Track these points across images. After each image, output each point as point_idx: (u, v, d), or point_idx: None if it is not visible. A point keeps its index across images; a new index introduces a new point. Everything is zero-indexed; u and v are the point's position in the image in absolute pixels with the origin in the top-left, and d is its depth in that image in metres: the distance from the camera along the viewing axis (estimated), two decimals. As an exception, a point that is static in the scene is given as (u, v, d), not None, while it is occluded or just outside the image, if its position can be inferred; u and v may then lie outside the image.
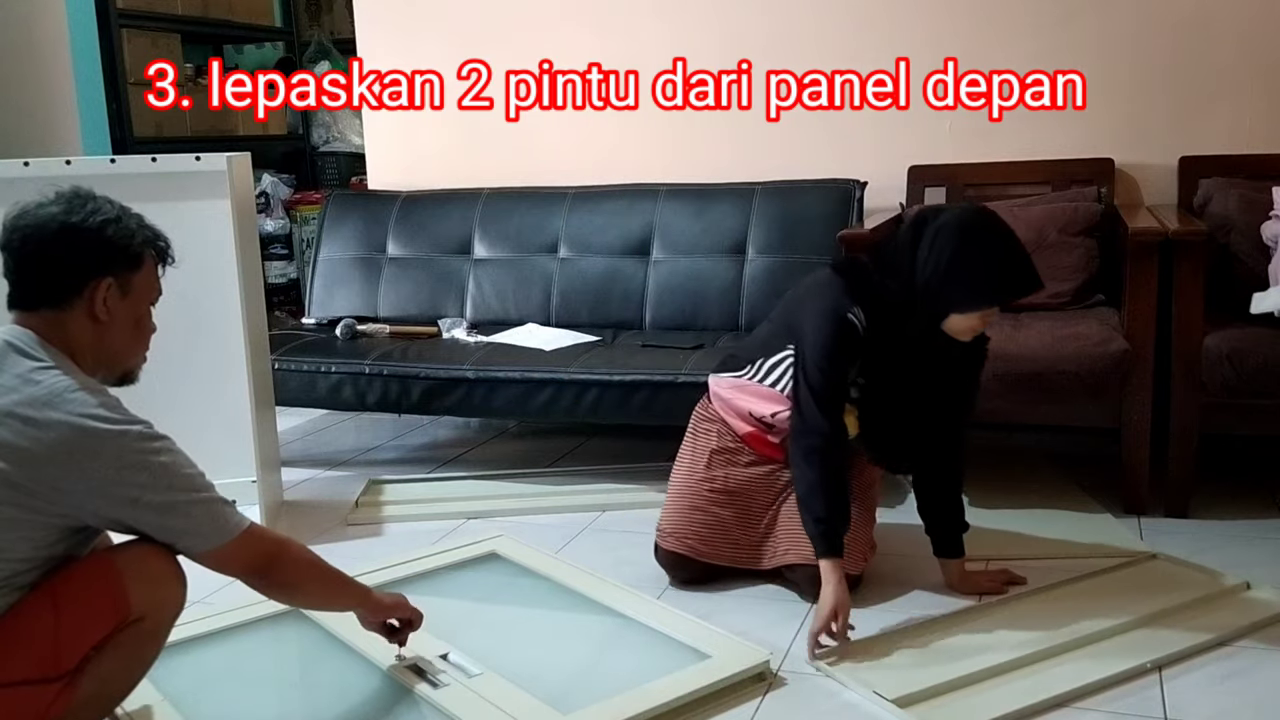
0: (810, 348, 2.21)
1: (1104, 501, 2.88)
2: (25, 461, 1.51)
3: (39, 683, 1.55)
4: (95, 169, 2.83)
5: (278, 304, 5.08)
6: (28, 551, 1.56)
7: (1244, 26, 3.19)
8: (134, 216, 1.73)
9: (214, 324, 2.85)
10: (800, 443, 2.23)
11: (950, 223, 2.11)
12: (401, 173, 4.11)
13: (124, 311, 1.70)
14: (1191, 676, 2.00)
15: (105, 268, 1.66)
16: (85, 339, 1.67)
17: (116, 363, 1.73)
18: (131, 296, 1.70)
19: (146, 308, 1.75)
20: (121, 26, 4.50)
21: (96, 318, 1.66)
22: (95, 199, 1.70)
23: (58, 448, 1.52)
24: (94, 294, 1.65)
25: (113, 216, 1.68)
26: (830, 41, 3.56)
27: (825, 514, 2.18)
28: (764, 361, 2.38)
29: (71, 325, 1.65)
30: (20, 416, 1.53)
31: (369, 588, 1.98)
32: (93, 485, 1.54)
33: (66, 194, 1.69)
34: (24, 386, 1.55)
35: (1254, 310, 2.74)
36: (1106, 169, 3.31)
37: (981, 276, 2.09)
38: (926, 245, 2.11)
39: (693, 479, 2.47)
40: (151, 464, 1.57)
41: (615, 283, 3.59)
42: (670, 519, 2.46)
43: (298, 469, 3.44)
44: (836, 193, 3.42)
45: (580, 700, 1.93)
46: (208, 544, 1.63)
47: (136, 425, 1.58)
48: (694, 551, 2.43)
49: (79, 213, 1.66)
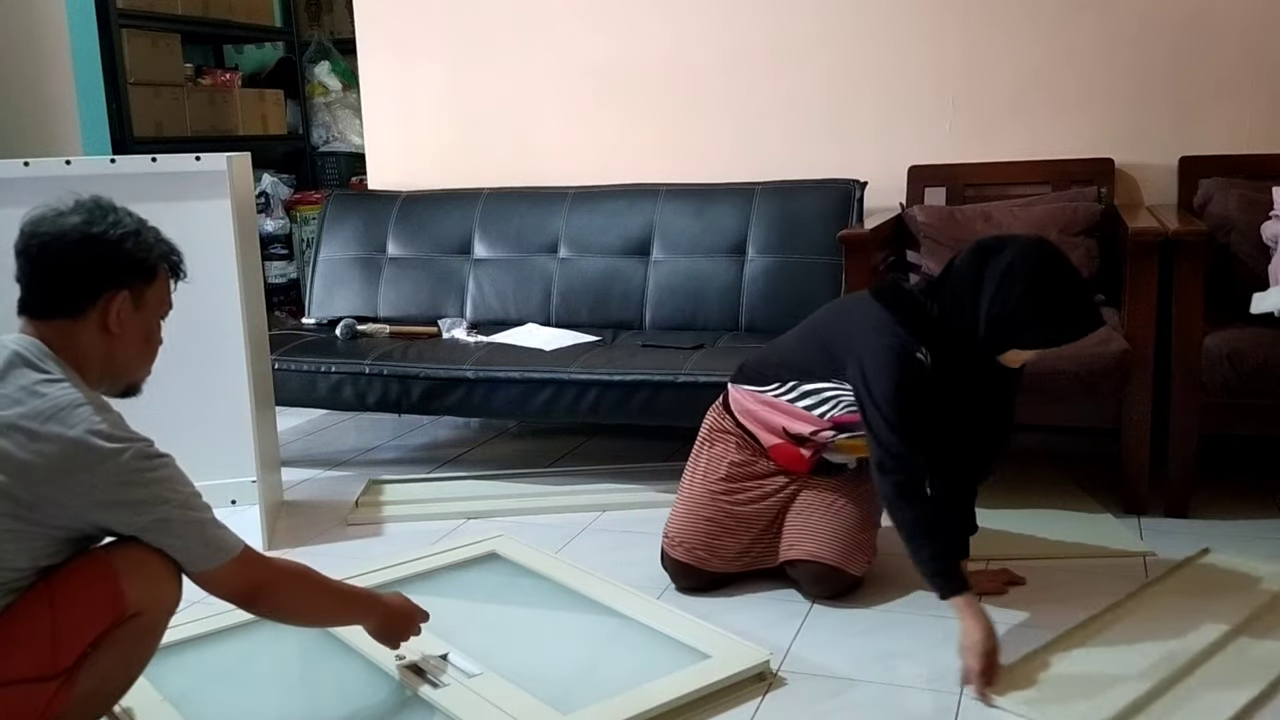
0: (882, 389, 2.15)
1: (1104, 501, 2.88)
2: (26, 475, 1.51)
3: (37, 681, 1.55)
4: (95, 169, 2.83)
5: (278, 304, 5.08)
6: (26, 562, 1.56)
7: (1244, 26, 3.19)
8: (152, 230, 1.73)
9: (214, 324, 2.84)
10: (892, 479, 2.15)
11: (1019, 260, 2.08)
12: (401, 173, 4.11)
13: (136, 325, 1.70)
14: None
15: (121, 280, 1.67)
16: (95, 350, 1.67)
17: (123, 375, 1.73)
18: (144, 310, 1.71)
19: (157, 321, 1.76)
20: (121, 26, 4.50)
21: (109, 329, 1.66)
22: (116, 210, 1.70)
23: (58, 463, 1.52)
24: (108, 306, 1.66)
25: (132, 229, 1.68)
26: (830, 41, 3.56)
27: (936, 552, 2.11)
28: (798, 385, 2.34)
29: (82, 335, 1.65)
30: (23, 429, 1.52)
31: (375, 599, 1.93)
32: (91, 501, 1.55)
33: (87, 204, 1.69)
34: (29, 399, 1.55)
35: (1254, 310, 2.74)
36: (1106, 169, 3.31)
37: (1051, 317, 2.07)
38: (994, 282, 2.08)
39: (707, 488, 2.45)
40: (148, 482, 1.57)
41: (615, 283, 3.59)
42: (680, 527, 2.44)
43: (298, 469, 3.44)
44: (836, 193, 3.42)
45: (580, 700, 1.93)
46: (196, 566, 1.64)
47: (137, 443, 1.58)
48: (702, 562, 2.41)
49: (100, 224, 1.66)
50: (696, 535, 2.42)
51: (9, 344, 1.62)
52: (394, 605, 1.94)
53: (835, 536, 2.36)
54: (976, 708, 1.93)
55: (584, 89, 3.86)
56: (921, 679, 2.03)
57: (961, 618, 2.03)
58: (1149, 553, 2.56)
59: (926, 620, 2.26)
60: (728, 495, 2.43)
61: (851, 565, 2.36)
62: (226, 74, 5.14)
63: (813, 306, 2.55)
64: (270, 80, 5.45)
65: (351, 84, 5.30)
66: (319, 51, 5.48)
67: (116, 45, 4.48)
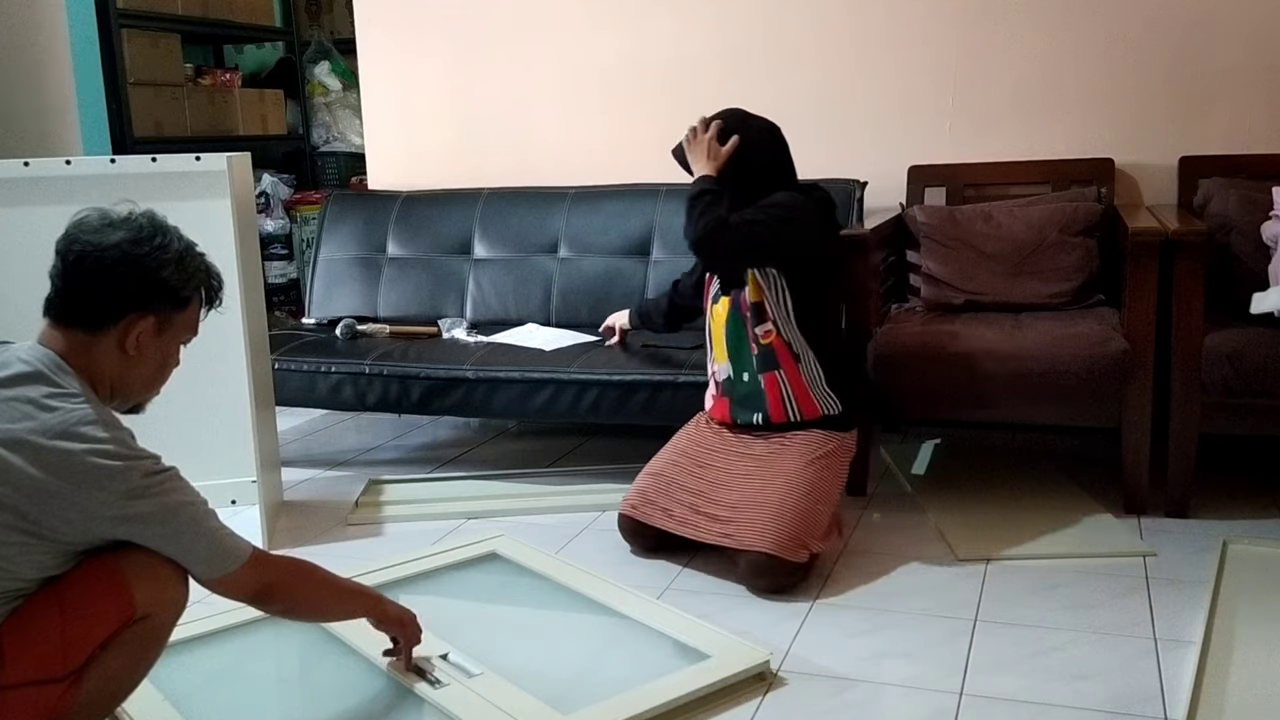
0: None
1: (1104, 501, 2.88)
2: (34, 490, 1.51)
3: (45, 683, 1.55)
4: (95, 169, 2.83)
5: (278, 304, 5.08)
6: (35, 573, 1.57)
7: (1244, 27, 3.19)
8: (198, 257, 1.72)
9: (214, 324, 2.82)
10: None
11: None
12: (401, 173, 4.11)
13: (155, 349, 1.70)
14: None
15: (150, 305, 1.66)
16: (108, 367, 1.66)
17: (131, 396, 1.73)
18: (166, 335, 1.70)
19: (177, 347, 1.75)
20: (121, 26, 4.49)
21: (125, 350, 1.66)
22: (166, 233, 1.68)
23: (65, 479, 1.52)
24: (130, 328, 1.64)
25: (174, 257, 1.66)
26: (830, 41, 3.56)
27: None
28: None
29: (98, 351, 1.64)
30: (32, 445, 1.52)
31: (379, 600, 1.96)
32: (98, 518, 1.55)
33: (139, 221, 1.67)
34: (39, 413, 1.54)
35: (1254, 310, 2.74)
36: (1106, 169, 3.31)
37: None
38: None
39: (663, 452, 2.68)
40: (155, 498, 1.58)
41: (615, 283, 3.59)
42: (632, 490, 2.65)
43: (298, 469, 3.44)
44: (836, 193, 3.40)
45: (580, 700, 1.93)
46: (206, 573, 1.66)
47: (143, 460, 1.58)
48: (638, 513, 2.59)
49: (145, 245, 1.64)
50: (641, 492, 2.61)
51: (22, 354, 1.61)
52: (394, 611, 1.98)
53: (773, 519, 2.39)
54: (976, 708, 1.93)
55: (584, 89, 3.86)
56: (921, 679, 2.03)
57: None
58: (1149, 553, 2.56)
59: (927, 620, 2.27)
60: (676, 448, 2.66)
61: (790, 551, 2.36)
62: (226, 74, 5.14)
63: (813, 306, 2.55)
64: (270, 80, 5.45)
65: (351, 84, 5.30)
66: (319, 51, 5.48)
67: (116, 45, 4.48)
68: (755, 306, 2.53)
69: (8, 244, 2.87)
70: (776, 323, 2.52)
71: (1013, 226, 3.19)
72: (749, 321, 2.54)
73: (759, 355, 2.54)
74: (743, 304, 2.55)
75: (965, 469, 3.22)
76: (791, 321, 2.51)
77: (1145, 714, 1.89)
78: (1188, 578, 2.43)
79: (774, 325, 2.52)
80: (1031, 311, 3.08)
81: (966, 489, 3.03)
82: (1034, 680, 2.01)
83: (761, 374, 2.55)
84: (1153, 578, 2.44)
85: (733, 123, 2.57)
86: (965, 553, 2.58)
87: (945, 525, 2.76)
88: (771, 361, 2.54)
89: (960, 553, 2.59)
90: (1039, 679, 2.01)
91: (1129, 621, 2.23)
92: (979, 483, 3.08)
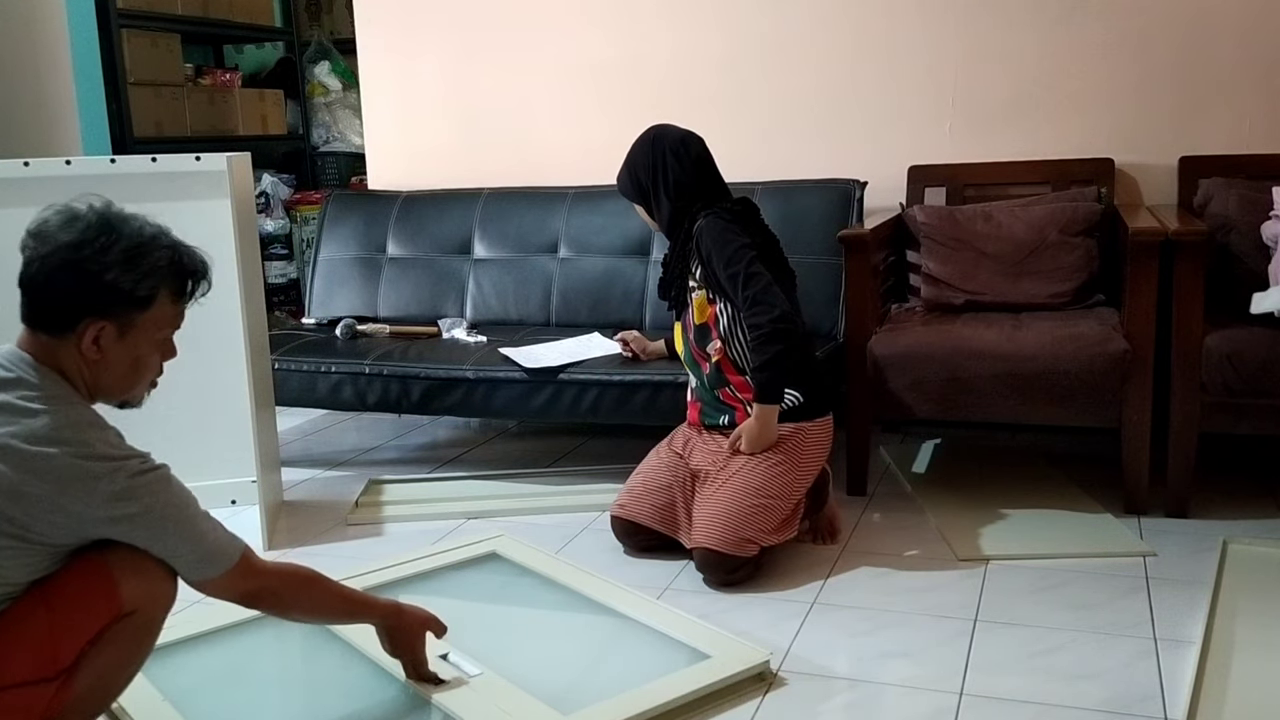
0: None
1: (1104, 501, 2.88)
2: (20, 497, 1.50)
3: (37, 683, 1.55)
4: (95, 169, 2.83)
5: (278, 304, 5.07)
6: (24, 576, 1.57)
7: (1244, 26, 3.20)
8: (158, 251, 1.63)
9: (214, 324, 2.83)
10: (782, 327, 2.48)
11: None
12: (401, 173, 4.11)
13: (119, 352, 1.63)
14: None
15: (101, 311, 1.59)
16: (77, 370, 1.62)
17: (111, 396, 1.69)
18: (131, 337, 1.63)
19: (151, 346, 1.67)
20: (121, 26, 4.49)
21: (85, 355, 1.61)
22: (111, 233, 1.59)
23: (50, 484, 1.51)
24: (84, 333, 1.59)
25: (120, 258, 1.58)
26: (830, 41, 3.56)
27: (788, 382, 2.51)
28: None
29: (64, 355, 1.61)
30: (15, 450, 1.51)
31: (382, 601, 1.92)
32: (85, 520, 1.54)
33: (88, 219, 1.60)
34: (21, 418, 1.53)
35: (1254, 310, 2.74)
36: (1106, 169, 3.31)
37: None
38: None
39: (652, 452, 2.72)
40: (142, 498, 1.57)
41: (615, 283, 3.59)
42: (622, 490, 2.69)
43: (298, 469, 3.44)
44: (836, 193, 3.41)
45: (580, 700, 1.93)
46: (194, 575, 1.65)
47: (130, 460, 1.57)
48: (626, 513, 2.61)
49: (87, 249, 1.57)
50: (630, 491, 2.65)
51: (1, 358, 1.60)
52: (405, 607, 1.93)
53: (721, 516, 2.44)
54: (976, 708, 1.93)
55: (584, 89, 3.86)
56: (921, 679, 2.03)
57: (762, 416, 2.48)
58: (1149, 553, 2.56)
59: (926, 620, 2.27)
60: (658, 451, 2.69)
61: (734, 547, 2.42)
62: (226, 74, 5.14)
63: (813, 307, 2.56)
64: (270, 80, 5.45)
65: (351, 84, 5.29)
66: (319, 51, 5.48)
67: (116, 45, 4.48)
68: (699, 329, 2.58)
69: (8, 244, 2.86)
70: (724, 339, 2.55)
71: (1013, 226, 3.19)
72: (694, 345, 2.61)
73: (710, 373, 2.60)
74: (688, 326, 2.61)
75: (965, 469, 3.22)
76: (736, 335, 2.53)
77: (1145, 714, 1.89)
78: (1188, 578, 2.43)
79: (722, 342, 2.55)
80: (1032, 311, 3.08)
81: (966, 489, 3.03)
82: (1034, 680, 2.01)
83: (716, 390, 2.61)
84: (1153, 578, 2.44)
85: (635, 171, 2.68)
86: (965, 553, 2.58)
87: (945, 525, 2.76)
88: (721, 379, 2.58)
89: (960, 553, 2.59)
90: (1039, 679, 2.01)
91: (1129, 621, 2.23)
92: (979, 483, 3.08)
